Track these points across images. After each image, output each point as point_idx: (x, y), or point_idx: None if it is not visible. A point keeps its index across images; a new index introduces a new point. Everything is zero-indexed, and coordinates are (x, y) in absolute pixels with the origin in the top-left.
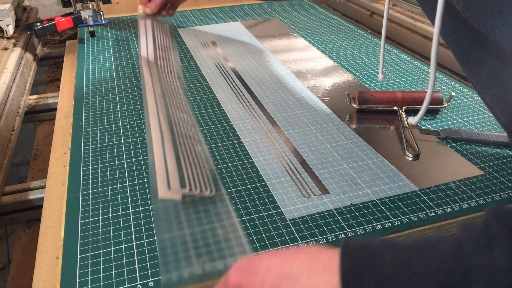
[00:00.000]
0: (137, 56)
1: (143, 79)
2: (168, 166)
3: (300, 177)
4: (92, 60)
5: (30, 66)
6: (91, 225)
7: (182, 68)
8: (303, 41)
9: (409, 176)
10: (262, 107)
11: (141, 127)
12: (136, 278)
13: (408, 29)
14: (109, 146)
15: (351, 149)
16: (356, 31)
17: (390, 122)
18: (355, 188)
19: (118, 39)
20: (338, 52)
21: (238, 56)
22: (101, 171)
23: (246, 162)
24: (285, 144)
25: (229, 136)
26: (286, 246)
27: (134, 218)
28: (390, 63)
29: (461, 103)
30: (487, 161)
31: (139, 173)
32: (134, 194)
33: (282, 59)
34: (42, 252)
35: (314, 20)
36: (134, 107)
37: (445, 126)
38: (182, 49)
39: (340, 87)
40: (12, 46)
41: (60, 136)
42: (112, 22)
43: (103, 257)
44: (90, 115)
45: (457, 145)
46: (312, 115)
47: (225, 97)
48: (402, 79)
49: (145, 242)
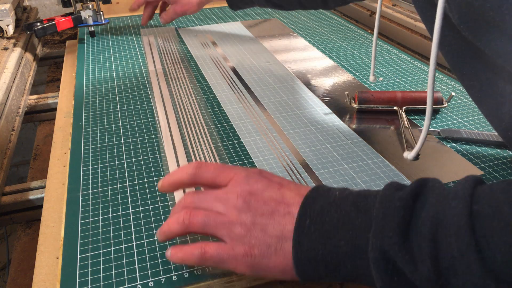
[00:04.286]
0: (137, 56)
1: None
2: None
3: (300, 177)
4: (92, 60)
5: (30, 66)
6: (91, 225)
7: (185, 70)
8: (303, 41)
9: (409, 176)
10: (262, 107)
11: (141, 127)
12: (136, 278)
13: (408, 29)
14: (109, 146)
15: (351, 149)
16: (356, 31)
17: (390, 122)
18: (355, 188)
19: (118, 39)
20: (338, 52)
21: (238, 56)
22: (101, 171)
23: (246, 162)
24: (285, 144)
25: (229, 136)
26: None
27: (134, 218)
28: (390, 63)
29: (461, 103)
30: (487, 161)
31: (139, 173)
32: (134, 194)
33: (282, 59)
34: (42, 252)
35: (314, 20)
36: (134, 107)
37: (445, 126)
38: (182, 49)
39: (340, 87)
40: (12, 46)
41: (60, 136)
42: (112, 22)
43: (103, 257)
44: (90, 115)
45: (457, 145)
46: (312, 115)
47: (225, 97)
48: (402, 79)
49: (145, 242)
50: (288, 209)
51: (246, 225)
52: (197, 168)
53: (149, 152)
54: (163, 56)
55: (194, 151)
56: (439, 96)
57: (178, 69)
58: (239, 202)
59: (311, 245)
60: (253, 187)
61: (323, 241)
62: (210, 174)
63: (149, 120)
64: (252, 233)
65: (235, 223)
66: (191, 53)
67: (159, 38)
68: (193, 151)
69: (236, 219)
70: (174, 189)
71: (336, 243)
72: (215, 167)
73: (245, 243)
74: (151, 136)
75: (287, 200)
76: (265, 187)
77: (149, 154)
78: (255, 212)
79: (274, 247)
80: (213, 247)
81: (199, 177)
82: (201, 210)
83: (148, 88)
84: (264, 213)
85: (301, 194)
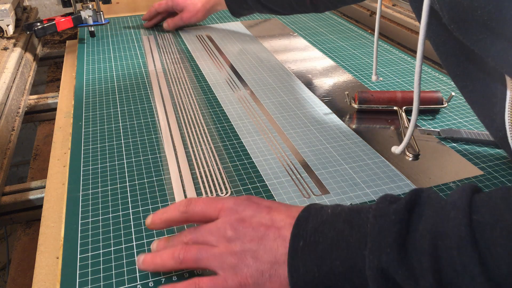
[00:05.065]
0: (137, 56)
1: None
2: (183, 175)
3: (300, 177)
4: (92, 60)
5: (30, 66)
6: (91, 225)
7: (185, 70)
8: (303, 41)
9: (409, 176)
10: (262, 107)
11: (141, 127)
12: (136, 278)
13: (408, 29)
14: (109, 146)
15: (351, 149)
16: (356, 31)
17: (390, 122)
18: (355, 188)
19: (118, 39)
20: (338, 52)
21: (238, 56)
22: (101, 171)
23: (246, 162)
24: (285, 144)
25: (229, 136)
26: None
27: (134, 218)
28: (390, 63)
29: (461, 103)
30: (487, 161)
31: (139, 173)
32: (134, 194)
33: (282, 59)
34: (42, 252)
35: (314, 20)
36: (134, 107)
37: (445, 126)
38: (182, 49)
39: (340, 87)
40: (12, 46)
41: (60, 136)
42: (112, 22)
43: (103, 257)
44: (90, 115)
45: (457, 145)
46: (312, 115)
47: (225, 97)
48: (402, 79)
49: (145, 242)
50: (279, 232)
51: (236, 253)
52: (187, 205)
53: (149, 152)
54: (163, 56)
55: (194, 151)
56: (439, 96)
57: (178, 69)
58: (228, 231)
59: (306, 268)
60: (242, 214)
61: (318, 262)
62: (200, 209)
63: (149, 120)
64: (243, 261)
65: (226, 254)
66: (191, 53)
67: (159, 38)
68: (193, 151)
69: (226, 249)
70: (165, 226)
71: (331, 263)
72: (203, 201)
73: (237, 273)
74: (151, 136)
75: (277, 223)
76: (254, 212)
77: (149, 154)
78: (244, 239)
79: (268, 274)
80: (206, 281)
81: (190, 214)
82: (194, 246)
83: (148, 88)
84: (254, 239)
85: (292, 215)
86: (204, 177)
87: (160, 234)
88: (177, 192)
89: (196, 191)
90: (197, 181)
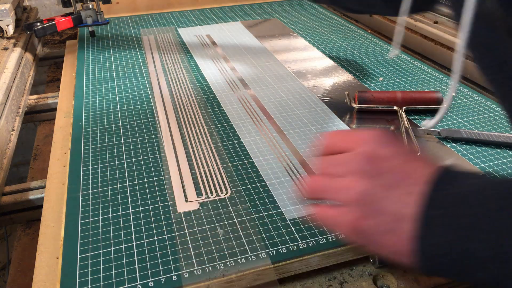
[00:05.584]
0: (137, 56)
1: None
2: (183, 175)
3: (300, 177)
4: (92, 60)
5: (30, 66)
6: (91, 225)
7: (184, 69)
8: (303, 41)
9: None
10: (262, 107)
11: (141, 127)
12: (136, 278)
13: (408, 29)
14: (109, 146)
15: None
16: (356, 31)
17: (390, 122)
18: None
19: (118, 39)
20: (338, 52)
21: (238, 56)
22: (101, 171)
23: (246, 162)
24: (285, 144)
25: (229, 136)
26: (286, 246)
27: (134, 218)
28: (390, 63)
29: (461, 103)
30: (487, 161)
31: (139, 173)
32: (134, 194)
33: (282, 59)
34: (42, 252)
35: (314, 20)
36: (134, 107)
37: (445, 126)
38: (182, 49)
39: (340, 87)
40: (12, 46)
41: (60, 136)
42: (112, 22)
43: (103, 257)
44: (90, 115)
45: (457, 145)
46: (312, 115)
47: (225, 97)
48: (402, 79)
49: (145, 242)
50: (415, 188)
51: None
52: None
53: (149, 152)
54: (163, 56)
55: (194, 151)
56: (439, 96)
57: (178, 69)
58: (361, 163)
59: (441, 240)
60: (381, 150)
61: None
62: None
63: (149, 120)
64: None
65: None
66: (191, 53)
67: (159, 38)
68: (193, 151)
69: (355, 183)
70: None
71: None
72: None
73: (357, 210)
74: (151, 136)
75: (416, 176)
76: (394, 154)
77: (149, 154)
78: (377, 180)
79: (390, 226)
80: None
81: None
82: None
83: (148, 88)
84: (386, 184)
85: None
86: (204, 177)
87: (162, 234)
88: (177, 192)
89: (196, 191)
90: (197, 181)
